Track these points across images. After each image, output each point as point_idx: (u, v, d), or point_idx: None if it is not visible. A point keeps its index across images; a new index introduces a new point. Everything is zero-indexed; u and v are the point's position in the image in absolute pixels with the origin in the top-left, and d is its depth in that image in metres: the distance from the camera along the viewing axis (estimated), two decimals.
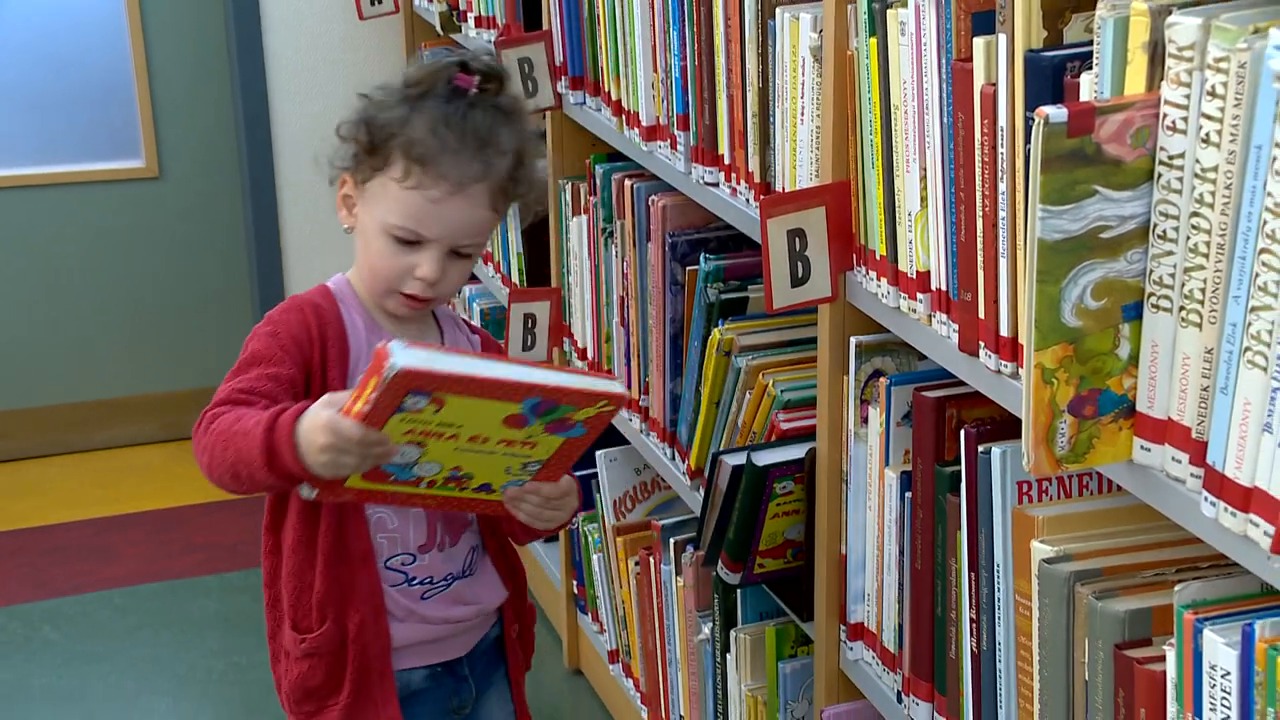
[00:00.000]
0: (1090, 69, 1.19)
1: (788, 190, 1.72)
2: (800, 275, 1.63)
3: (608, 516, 2.47)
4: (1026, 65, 1.24)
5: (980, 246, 1.37)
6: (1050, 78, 1.23)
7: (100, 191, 3.60)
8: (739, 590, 2.00)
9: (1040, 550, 1.32)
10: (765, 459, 1.73)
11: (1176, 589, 1.16)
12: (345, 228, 1.67)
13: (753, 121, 1.79)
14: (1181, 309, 1.13)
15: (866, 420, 1.64)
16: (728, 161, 1.89)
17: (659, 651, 2.31)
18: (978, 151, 1.34)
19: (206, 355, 3.60)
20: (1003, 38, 1.28)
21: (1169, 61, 1.09)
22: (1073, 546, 1.32)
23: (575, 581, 2.71)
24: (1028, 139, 1.24)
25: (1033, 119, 1.12)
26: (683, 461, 2.12)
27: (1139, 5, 1.11)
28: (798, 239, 1.61)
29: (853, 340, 1.64)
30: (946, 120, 1.39)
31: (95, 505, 3.38)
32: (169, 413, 3.59)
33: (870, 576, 1.67)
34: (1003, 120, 1.30)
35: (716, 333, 1.95)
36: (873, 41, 1.49)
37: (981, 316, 1.38)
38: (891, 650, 1.64)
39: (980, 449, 1.40)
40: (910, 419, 1.56)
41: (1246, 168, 1.05)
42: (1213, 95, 1.06)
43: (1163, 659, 1.18)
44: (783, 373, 1.86)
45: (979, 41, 1.32)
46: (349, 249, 1.68)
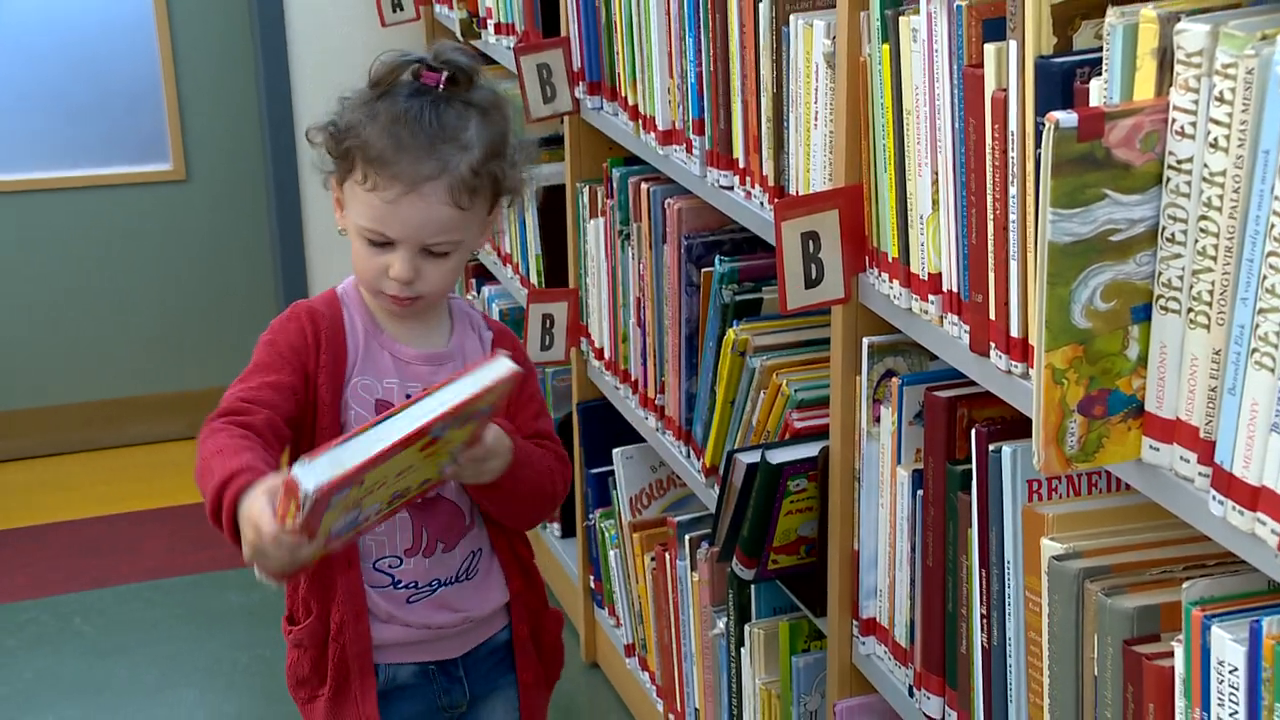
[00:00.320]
0: (1100, 75, 1.18)
1: (801, 194, 1.72)
2: (814, 277, 1.63)
3: (624, 513, 2.47)
4: (1037, 71, 1.24)
5: (991, 249, 1.36)
6: (1060, 83, 1.22)
7: (129, 194, 3.61)
8: (753, 585, 2.00)
9: (1050, 547, 1.32)
10: (779, 457, 1.73)
11: (1184, 586, 1.16)
12: (339, 230, 1.65)
13: (767, 126, 1.79)
14: (1190, 311, 1.12)
15: (878, 419, 1.63)
16: (742, 165, 1.89)
17: (674, 645, 2.31)
18: (988, 156, 1.34)
19: (232, 354, 3.60)
20: (1013, 44, 1.27)
21: (1178, 67, 1.09)
22: (1082, 544, 1.32)
23: (592, 576, 2.71)
24: (1038, 143, 1.24)
25: (1043, 124, 1.12)
26: (698, 459, 2.12)
27: (1148, 12, 1.11)
28: (811, 241, 1.61)
29: (865, 341, 1.64)
30: (958, 125, 1.39)
31: (124, 500, 3.40)
32: (195, 410, 3.59)
33: (882, 573, 1.67)
34: (1013, 125, 1.29)
35: (731, 333, 1.94)
36: (885, 48, 1.49)
37: (992, 318, 1.38)
38: (903, 645, 1.64)
39: (991, 448, 1.40)
40: (921, 418, 1.56)
41: (1254, 172, 1.04)
42: (1221, 101, 1.05)
43: (1171, 655, 1.17)
44: (796, 373, 1.86)
45: (990, 48, 1.31)
46: None
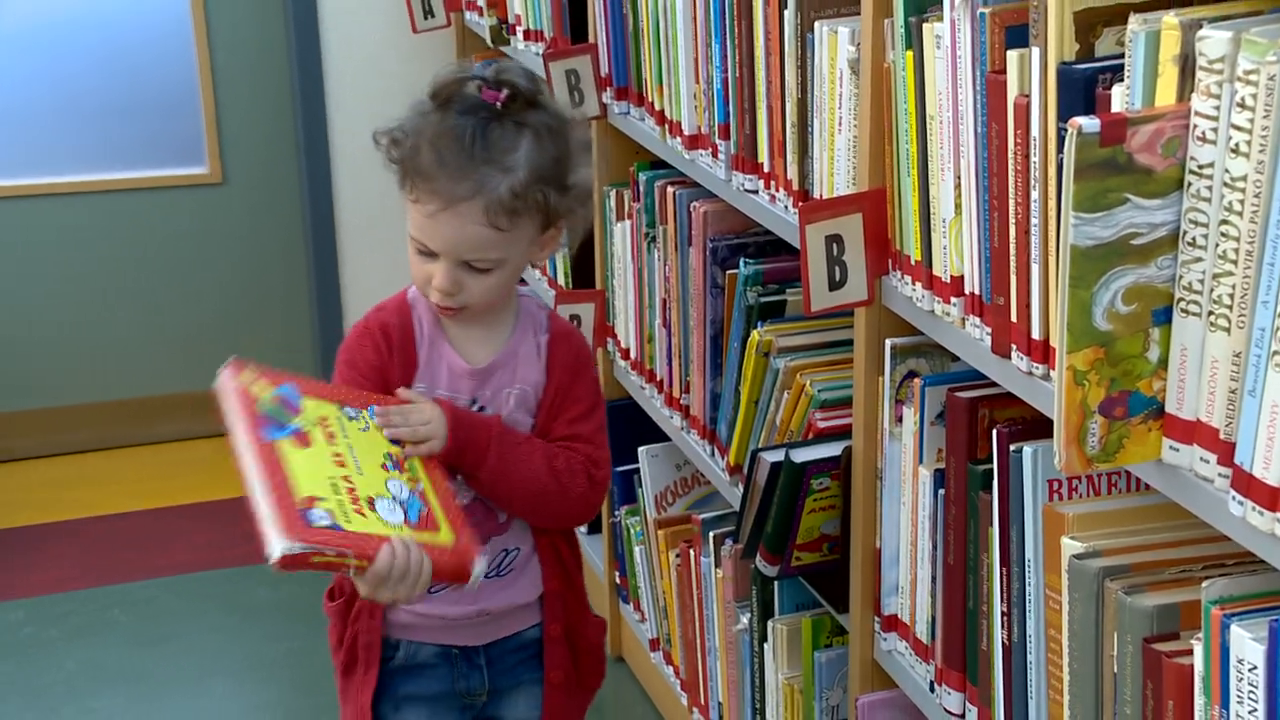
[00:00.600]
0: (1121, 81, 1.18)
1: (825, 197, 1.72)
2: (837, 279, 1.62)
3: (649, 510, 2.47)
4: (1059, 77, 1.23)
5: (1013, 252, 1.36)
6: (1082, 89, 1.22)
7: (166, 196, 3.63)
8: (776, 582, 1.99)
9: (1070, 546, 1.31)
10: (803, 456, 1.72)
11: (1204, 585, 1.15)
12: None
13: (792, 131, 1.79)
14: (1210, 314, 1.12)
15: (901, 419, 1.63)
16: (767, 169, 1.88)
17: (698, 640, 2.31)
18: (1011, 160, 1.33)
19: (265, 354, 3.59)
20: (1036, 51, 1.27)
21: (1199, 74, 1.08)
22: (1102, 543, 1.31)
23: (618, 572, 2.71)
24: (1060, 148, 1.23)
25: (1066, 129, 1.11)
26: (722, 458, 2.11)
27: (1170, 19, 1.10)
28: (835, 244, 1.61)
29: (888, 342, 1.63)
30: (980, 130, 1.38)
31: (160, 495, 3.41)
32: None
33: (904, 570, 1.67)
34: (1035, 130, 1.29)
35: (756, 334, 1.94)
36: (909, 54, 1.49)
37: (1014, 320, 1.38)
38: (924, 641, 1.64)
39: (1012, 448, 1.40)
40: (943, 418, 1.55)
41: (1275, 177, 1.03)
42: (1242, 107, 1.05)
43: (1190, 653, 1.16)
44: (820, 373, 1.86)
45: (1012, 54, 1.31)
46: (403, 254, 1.68)
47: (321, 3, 3.55)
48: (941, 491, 1.55)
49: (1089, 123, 1.09)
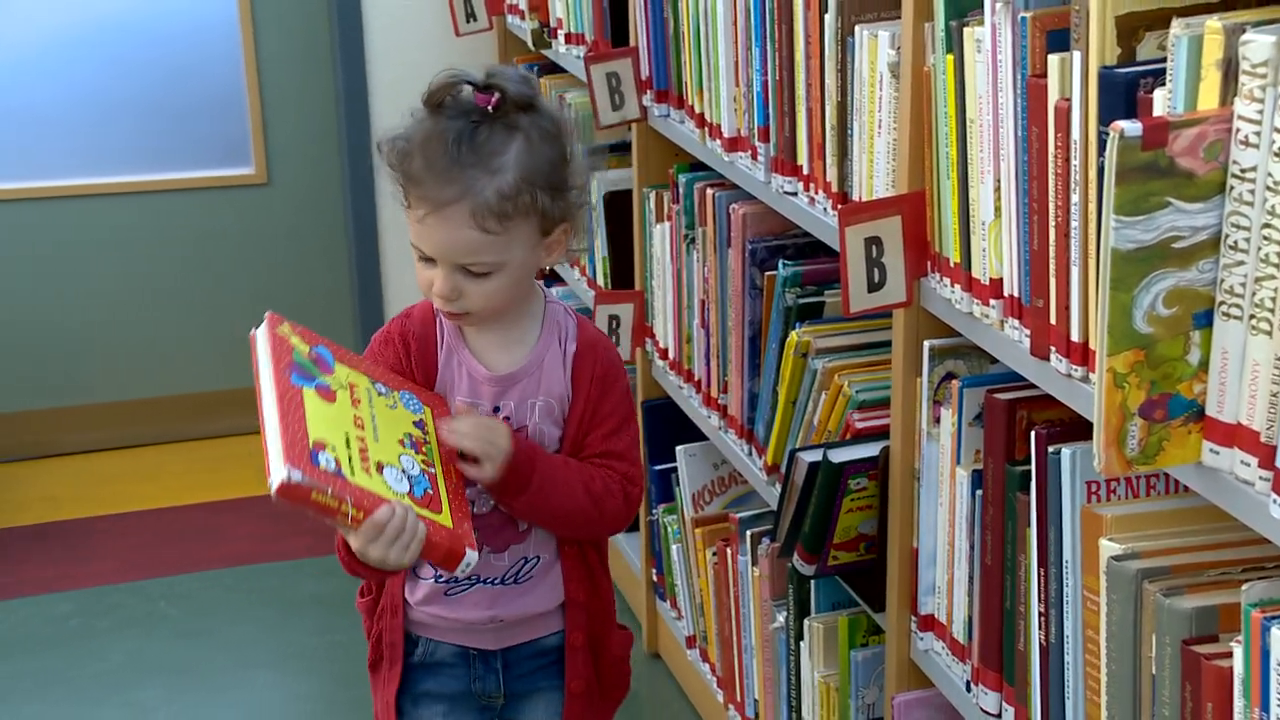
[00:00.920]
0: (1163, 85, 1.17)
1: (865, 200, 1.71)
2: (876, 281, 1.62)
3: (687, 509, 2.47)
4: (1100, 81, 1.23)
5: (1053, 255, 1.35)
6: (1124, 93, 1.21)
7: (214, 197, 3.66)
8: (813, 581, 1.99)
9: (1109, 548, 1.31)
10: (840, 456, 1.72)
11: (1244, 588, 1.14)
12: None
13: (831, 134, 1.78)
14: (1252, 317, 1.11)
15: (938, 420, 1.62)
16: (806, 172, 1.88)
17: (735, 638, 2.31)
18: (1051, 164, 1.33)
19: None
20: (1077, 55, 1.26)
21: (1242, 78, 1.07)
22: (1140, 545, 1.30)
23: (654, 570, 2.72)
24: (1101, 152, 1.23)
25: (1107, 133, 1.11)
26: (759, 457, 2.11)
27: (1213, 24, 1.10)
28: (874, 246, 1.60)
29: (926, 344, 1.63)
30: (1021, 134, 1.38)
31: (206, 490, 3.44)
32: None
33: (941, 570, 1.66)
34: (1076, 134, 1.28)
35: (794, 335, 1.94)
36: (949, 58, 1.48)
37: (1053, 322, 1.37)
38: (961, 641, 1.63)
39: (1050, 449, 1.39)
40: (981, 420, 1.54)
41: None
42: None
43: (1230, 655, 1.15)
44: (857, 374, 1.85)
45: (1054, 58, 1.30)
46: None
47: (366, 6, 3.57)
48: (979, 492, 1.55)
49: (1131, 126, 1.09)
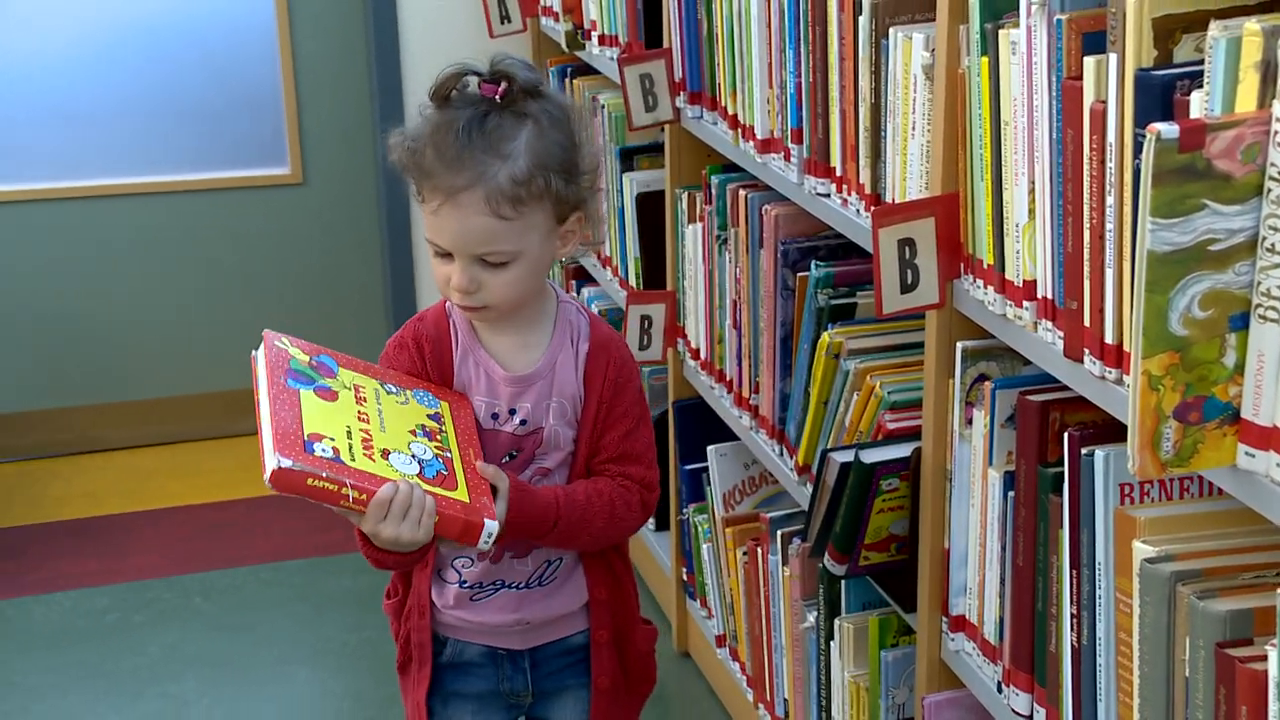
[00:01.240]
0: (1200, 87, 1.16)
1: (898, 201, 1.71)
2: (909, 282, 1.61)
3: (717, 508, 2.47)
4: (1137, 83, 1.22)
5: (1087, 257, 1.34)
6: (1160, 96, 1.20)
7: (250, 196, 3.68)
8: (844, 581, 1.98)
9: (1142, 550, 1.30)
10: (872, 457, 1.71)
11: (1279, 591, 1.13)
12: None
13: (864, 135, 1.78)
14: None
15: (971, 422, 1.62)
16: (839, 173, 1.88)
17: (765, 637, 2.31)
18: (1086, 166, 1.32)
19: (344, 349, 3.65)
20: (1113, 57, 1.25)
21: None
22: (1174, 547, 1.29)
23: (685, 569, 2.71)
24: (1137, 154, 1.22)
25: (1143, 135, 1.10)
26: (790, 457, 2.11)
27: (1252, 26, 1.09)
28: (907, 248, 1.60)
29: (959, 345, 1.62)
30: (1056, 136, 1.37)
31: (243, 487, 3.46)
32: None
33: (972, 571, 1.65)
34: (1112, 136, 1.27)
35: (826, 336, 1.93)
36: (984, 60, 1.47)
37: (1087, 324, 1.36)
38: (992, 642, 1.62)
39: (1083, 451, 1.38)
40: (1013, 421, 1.54)
41: None
42: None
43: (1264, 658, 1.14)
44: (889, 375, 1.84)
45: (1089, 61, 1.29)
46: None
47: (401, 8, 3.58)
48: (1011, 494, 1.54)
49: (1168, 128, 1.08)
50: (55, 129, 3.53)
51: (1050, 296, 1.43)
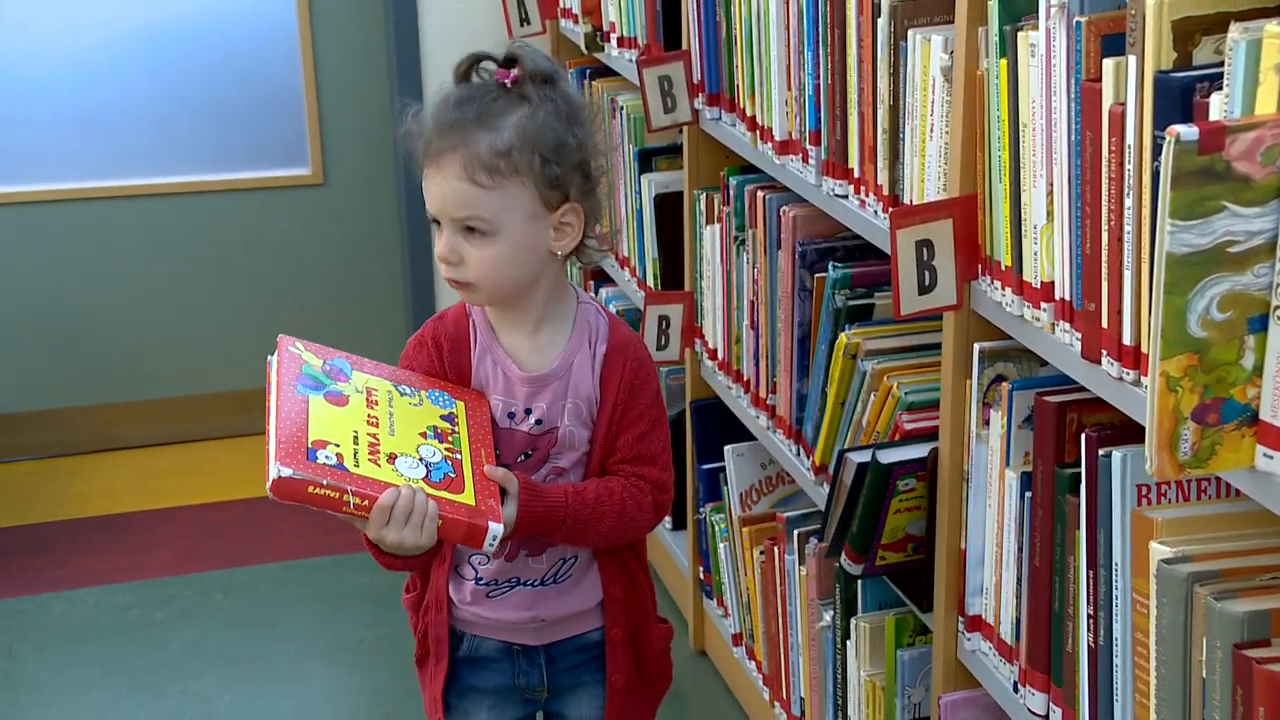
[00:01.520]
0: (1220, 89, 1.16)
1: (916, 203, 1.71)
2: (927, 284, 1.61)
3: (734, 508, 2.47)
4: (1156, 85, 1.22)
5: (1105, 259, 1.34)
6: (1179, 98, 1.20)
7: (271, 196, 3.70)
8: (860, 581, 1.98)
9: (1159, 551, 1.30)
10: (889, 457, 1.71)
11: None
12: None
13: (883, 137, 1.78)
14: None
15: (988, 423, 1.62)
16: (857, 175, 1.88)
17: (781, 636, 2.31)
18: (1104, 168, 1.32)
19: (363, 348, 3.66)
20: (1132, 59, 1.25)
21: None
22: (1191, 548, 1.29)
23: (701, 568, 2.72)
24: (1155, 156, 1.22)
25: (1163, 137, 1.10)
26: (807, 457, 2.11)
27: (1272, 28, 1.08)
28: (925, 249, 1.60)
29: (976, 346, 1.62)
30: (1074, 138, 1.37)
31: (260, 485, 3.43)
32: None
33: (989, 571, 1.65)
34: (1130, 138, 1.27)
35: (843, 337, 1.93)
36: (1003, 62, 1.47)
37: (1105, 326, 1.36)
38: (1009, 642, 1.62)
39: (1101, 452, 1.38)
40: (1031, 422, 1.54)
41: None
42: None
43: None
44: (906, 376, 1.84)
45: (1108, 63, 1.29)
46: None
47: (421, 11, 3.60)
48: (1028, 494, 1.54)
49: (1187, 130, 1.08)
50: (79, 130, 3.55)
51: (1068, 298, 1.43)
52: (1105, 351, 1.37)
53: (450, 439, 1.56)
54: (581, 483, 1.64)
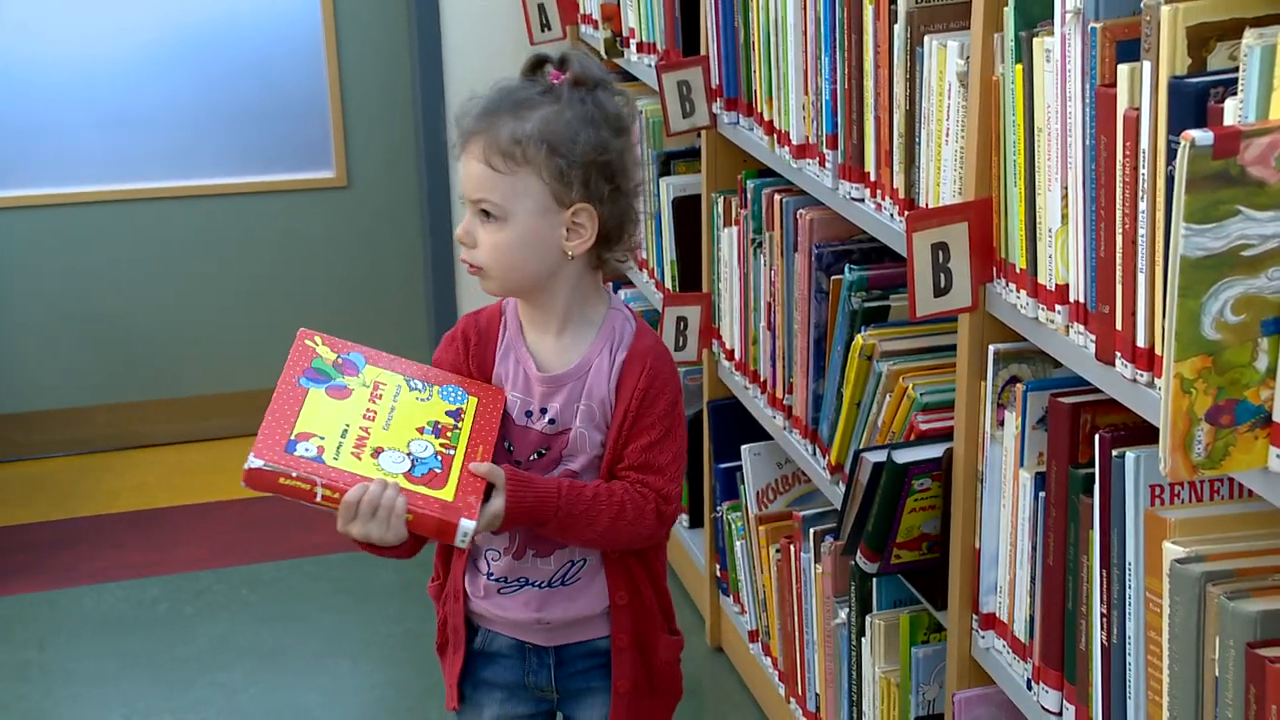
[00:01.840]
0: (1234, 95, 1.15)
1: (931, 206, 1.70)
2: (942, 286, 1.61)
3: (751, 506, 2.47)
4: (1170, 91, 1.21)
5: (1119, 262, 1.34)
6: (1194, 103, 1.19)
7: (296, 199, 3.71)
8: (875, 579, 1.98)
9: (1172, 551, 1.29)
10: (905, 457, 1.71)
11: None
12: None
13: (899, 141, 1.77)
14: None
15: (1002, 423, 1.61)
16: (874, 179, 1.87)
17: (797, 633, 2.30)
18: (1119, 172, 1.31)
19: (386, 349, 3.67)
20: (1147, 65, 1.25)
21: None
22: (1204, 548, 1.29)
23: (718, 566, 2.71)
24: (1170, 161, 1.21)
25: (1177, 142, 1.09)
26: (823, 457, 2.10)
27: None
28: (941, 252, 1.59)
29: (991, 348, 1.61)
30: (1089, 142, 1.36)
31: None
32: None
33: (1003, 570, 1.64)
34: (1145, 143, 1.26)
35: (859, 338, 1.93)
36: (1018, 68, 1.47)
37: (1119, 328, 1.35)
38: (1022, 640, 1.61)
39: (1114, 453, 1.37)
40: (1045, 423, 1.53)
41: None
42: None
43: None
44: (922, 377, 1.84)
45: (1123, 68, 1.28)
46: None
47: (444, 16, 3.60)
48: (1042, 494, 1.53)
49: (1202, 135, 1.07)
50: (108, 133, 3.56)
51: (1082, 300, 1.42)
52: (1119, 353, 1.36)
53: (449, 435, 1.57)
54: (583, 480, 1.63)
